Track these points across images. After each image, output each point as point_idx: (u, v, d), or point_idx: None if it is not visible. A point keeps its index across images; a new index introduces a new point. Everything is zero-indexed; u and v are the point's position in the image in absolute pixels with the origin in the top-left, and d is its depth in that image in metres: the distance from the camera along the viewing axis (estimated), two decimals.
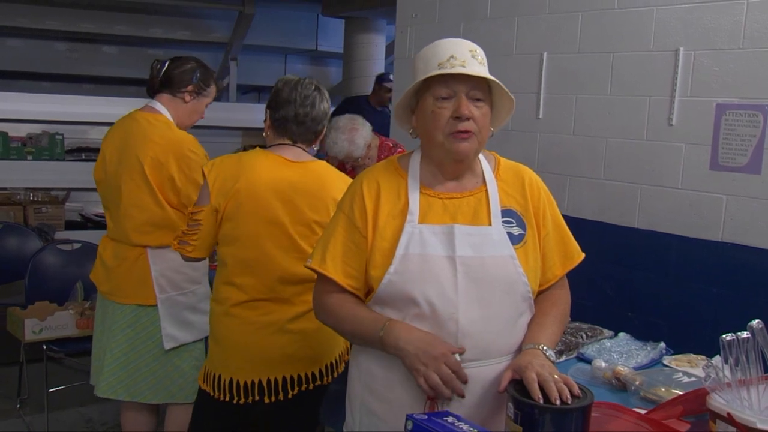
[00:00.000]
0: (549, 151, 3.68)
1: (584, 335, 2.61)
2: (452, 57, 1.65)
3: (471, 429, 1.39)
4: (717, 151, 3.07)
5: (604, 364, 2.30)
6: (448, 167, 1.74)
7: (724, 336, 1.59)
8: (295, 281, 2.33)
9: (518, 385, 1.53)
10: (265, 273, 2.31)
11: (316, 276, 1.82)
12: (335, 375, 2.47)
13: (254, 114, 6.93)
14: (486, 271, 1.67)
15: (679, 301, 3.17)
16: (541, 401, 1.46)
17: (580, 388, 1.52)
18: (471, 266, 1.66)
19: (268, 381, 2.35)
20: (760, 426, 1.50)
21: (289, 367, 2.37)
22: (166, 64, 2.90)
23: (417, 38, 4.49)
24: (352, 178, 2.03)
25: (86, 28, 6.46)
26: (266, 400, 2.36)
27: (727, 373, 1.60)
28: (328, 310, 1.80)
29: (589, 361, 2.39)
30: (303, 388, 2.39)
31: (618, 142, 3.42)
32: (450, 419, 1.43)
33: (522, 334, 1.74)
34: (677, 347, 2.59)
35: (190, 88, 2.89)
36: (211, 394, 2.38)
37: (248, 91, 7.86)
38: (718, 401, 1.60)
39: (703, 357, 2.40)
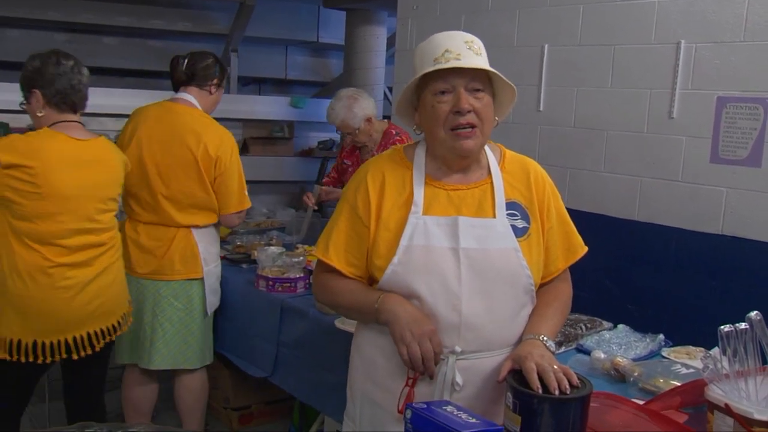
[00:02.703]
0: (550, 143, 3.68)
1: (584, 327, 2.62)
2: (447, 51, 1.65)
3: (470, 417, 1.39)
4: (717, 144, 3.07)
5: (603, 356, 2.31)
6: (453, 162, 1.74)
7: (722, 327, 1.59)
8: (93, 246, 2.64)
9: (517, 375, 1.53)
10: (66, 243, 2.56)
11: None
12: (125, 328, 2.85)
13: (255, 105, 6.89)
14: (489, 263, 1.68)
15: (679, 294, 3.18)
16: (540, 391, 1.46)
17: (579, 379, 1.53)
18: (474, 258, 1.67)
19: (74, 339, 2.62)
20: (757, 417, 1.51)
21: (94, 322, 2.67)
22: (186, 60, 3.16)
23: (418, 30, 4.48)
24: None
25: (86, 19, 6.42)
26: (75, 357, 2.63)
27: (725, 364, 1.61)
28: (326, 288, 1.83)
29: (588, 353, 2.40)
30: (107, 340, 2.74)
31: (619, 135, 3.42)
32: (449, 408, 1.44)
33: (523, 326, 1.75)
34: (676, 339, 2.60)
35: (215, 81, 3.19)
36: (9, 359, 2.56)
37: (249, 83, 7.83)
38: (716, 392, 1.61)
39: (702, 349, 2.40)
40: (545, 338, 1.66)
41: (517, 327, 1.74)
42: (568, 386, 1.48)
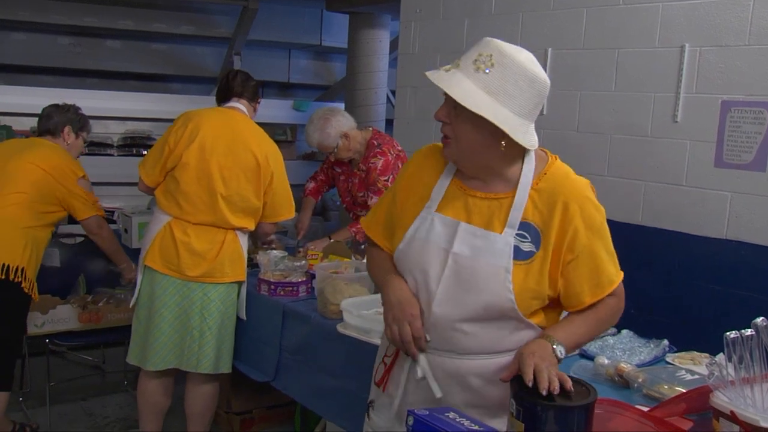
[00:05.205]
0: (553, 147, 3.63)
1: None
2: (458, 59, 1.64)
3: (472, 424, 1.38)
4: (722, 148, 3.05)
5: (607, 361, 2.30)
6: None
7: (728, 333, 1.58)
8: None
9: (521, 381, 1.52)
10: None
11: None
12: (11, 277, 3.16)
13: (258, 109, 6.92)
14: (475, 274, 1.66)
15: (683, 298, 3.16)
16: (531, 385, 1.47)
17: (583, 385, 1.51)
18: (462, 265, 1.67)
19: None
20: (763, 424, 1.49)
21: None
22: (238, 76, 3.35)
23: (421, 34, 4.47)
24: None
25: (90, 23, 6.42)
26: None
27: (731, 371, 1.59)
28: (368, 259, 1.98)
29: (591, 358, 2.38)
30: None
31: (622, 139, 3.40)
32: (451, 415, 1.43)
33: (502, 342, 1.70)
34: (680, 345, 2.58)
35: (259, 100, 3.42)
36: None
37: None
38: (721, 399, 1.59)
39: (707, 355, 2.39)
40: (556, 342, 1.62)
41: (491, 341, 1.70)
42: (557, 387, 1.46)
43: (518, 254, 1.66)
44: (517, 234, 1.66)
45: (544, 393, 1.44)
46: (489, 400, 1.71)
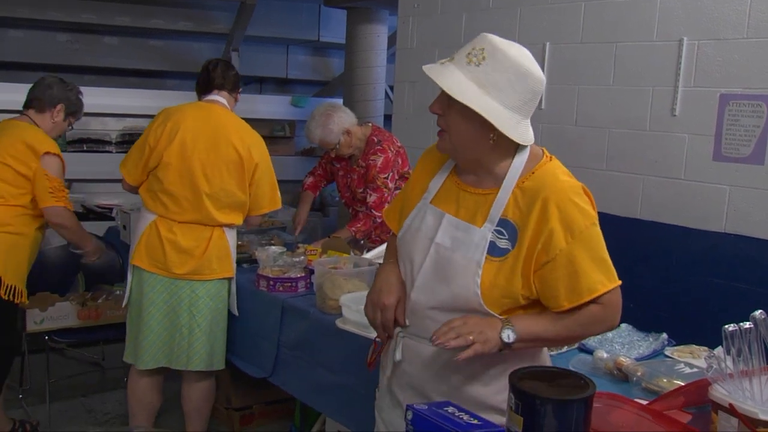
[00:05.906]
0: (551, 141, 3.66)
1: None
2: (453, 54, 1.65)
3: (471, 419, 1.38)
4: (720, 142, 3.05)
5: (605, 355, 2.30)
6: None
7: (726, 327, 1.58)
8: None
9: (520, 374, 1.52)
10: None
11: None
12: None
13: (256, 105, 6.89)
14: (450, 266, 1.69)
15: (682, 292, 3.16)
16: (437, 341, 1.59)
17: (581, 379, 1.51)
18: (441, 256, 1.71)
19: None
20: (762, 417, 1.49)
21: None
22: (219, 66, 3.28)
23: (419, 29, 4.46)
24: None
25: (87, 19, 6.41)
26: None
27: (730, 363, 1.59)
28: (387, 245, 2.03)
29: (590, 352, 2.39)
30: None
31: (621, 133, 3.40)
32: (450, 409, 1.43)
33: None
34: (679, 338, 2.59)
35: (239, 90, 3.37)
36: None
37: (250, 82, 7.80)
38: (720, 392, 1.59)
39: (706, 348, 2.39)
40: (509, 327, 1.61)
41: None
42: (442, 343, 1.57)
43: (493, 250, 1.66)
44: (495, 230, 1.67)
45: (430, 337, 1.60)
46: (465, 396, 1.71)
